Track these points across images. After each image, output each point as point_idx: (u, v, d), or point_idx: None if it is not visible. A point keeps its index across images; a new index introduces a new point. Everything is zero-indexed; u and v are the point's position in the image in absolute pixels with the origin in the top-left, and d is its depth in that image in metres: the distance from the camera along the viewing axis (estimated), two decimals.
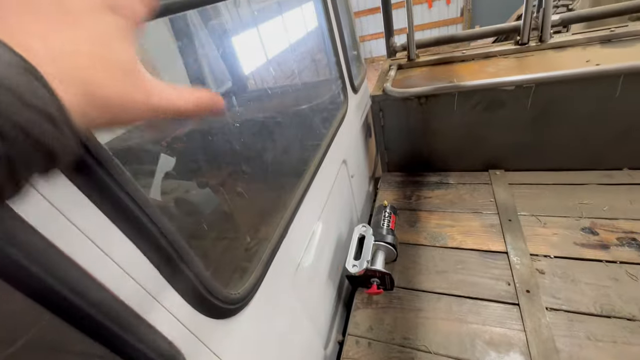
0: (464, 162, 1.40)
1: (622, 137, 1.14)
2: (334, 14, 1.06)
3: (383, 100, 1.34)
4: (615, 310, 0.82)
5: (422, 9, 5.64)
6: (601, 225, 1.03)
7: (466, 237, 1.12)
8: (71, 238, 0.29)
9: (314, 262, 0.90)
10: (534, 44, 1.29)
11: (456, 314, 0.92)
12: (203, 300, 0.44)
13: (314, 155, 0.93)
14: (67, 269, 0.29)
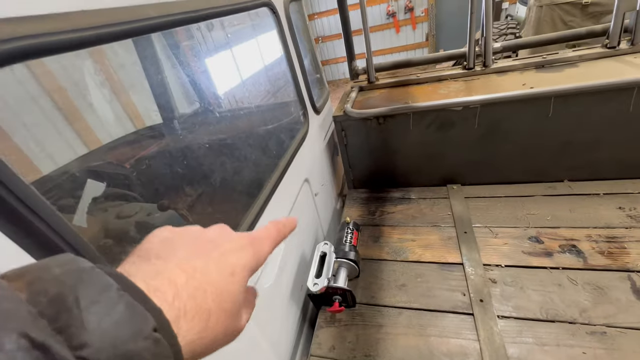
0: (423, 178, 1.47)
1: (560, 152, 1.25)
2: (292, 41, 1.11)
3: (344, 120, 1.40)
4: (558, 314, 0.87)
5: (390, 34, 5.99)
6: (545, 234, 1.10)
7: (425, 251, 1.16)
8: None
9: (275, 283, 0.90)
10: (479, 69, 1.41)
11: (416, 327, 0.93)
12: None
13: (272, 173, 0.94)
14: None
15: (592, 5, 2.40)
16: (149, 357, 0.16)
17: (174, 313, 0.19)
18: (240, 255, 0.25)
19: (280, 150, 1.07)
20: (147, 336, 0.16)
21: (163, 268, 0.21)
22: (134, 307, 0.17)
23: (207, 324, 0.21)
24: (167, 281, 0.20)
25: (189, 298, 0.20)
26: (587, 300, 0.88)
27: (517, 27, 3.37)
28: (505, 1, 4.90)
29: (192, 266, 0.22)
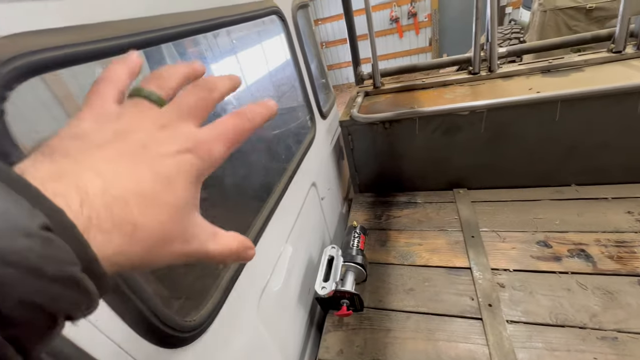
0: (429, 182, 1.47)
1: (567, 156, 1.25)
2: (299, 48, 1.13)
3: (351, 125, 1.41)
4: (568, 319, 0.87)
5: (393, 39, 6.02)
6: (554, 238, 1.10)
7: (433, 255, 1.16)
8: None
9: (283, 286, 0.90)
10: (485, 74, 1.42)
11: (424, 331, 0.93)
12: (152, 328, 0.43)
13: (280, 178, 0.95)
14: None
15: (596, 10, 2.40)
16: (35, 258, 0.13)
17: (80, 222, 0.16)
18: (180, 160, 0.21)
19: (289, 154, 1.08)
20: (30, 233, 0.13)
21: (71, 169, 0.17)
22: (12, 199, 0.14)
23: (131, 238, 0.18)
24: (73, 186, 0.17)
25: (104, 208, 0.17)
26: (597, 305, 0.88)
27: (520, 32, 3.38)
28: (508, 6, 4.92)
29: (113, 170, 0.18)
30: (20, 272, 0.13)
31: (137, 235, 0.18)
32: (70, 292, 0.15)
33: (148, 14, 0.47)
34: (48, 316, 0.14)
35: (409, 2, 5.49)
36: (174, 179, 0.20)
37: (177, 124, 0.22)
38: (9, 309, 0.13)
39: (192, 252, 0.22)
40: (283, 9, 1.01)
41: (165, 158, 0.20)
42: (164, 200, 0.20)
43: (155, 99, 0.23)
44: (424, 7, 5.53)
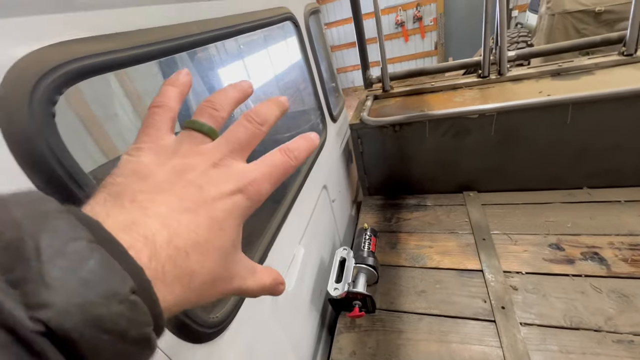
0: (439, 184, 1.47)
1: (578, 159, 1.25)
2: (311, 52, 1.15)
3: (361, 128, 1.42)
4: (583, 322, 0.86)
5: (399, 43, 6.05)
6: (566, 241, 1.10)
7: (444, 257, 1.16)
8: None
9: (296, 287, 0.91)
10: (494, 77, 1.42)
11: (436, 333, 0.93)
12: (181, 323, 0.45)
13: (294, 181, 0.97)
14: None
15: (605, 13, 2.40)
16: (125, 324, 0.14)
17: (150, 275, 0.16)
18: (231, 203, 0.21)
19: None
20: (123, 299, 0.14)
21: (140, 218, 0.18)
22: (109, 264, 0.14)
23: (188, 287, 0.18)
24: (142, 237, 0.17)
25: (168, 260, 0.17)
26: (612, 308, 0.87)
27: (528, 35, 3.38)
28: (514, 9, 4.92)
29: (177, 221, 0.19)
30: (112, 337, 0.13)
31: (192, 284, 0.19)
32: (143, 350, 0.15)
33: (179, 20, 0.50)
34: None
35: (414, 6, 5.52)
36: (226, 223, 0.21)
37: (229, 161, 0.23)
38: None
39: (233, 289, 0.23)
40: (296, 15, 1.04)
41: (219, 202, 0.21)
42: (216, 246, 0.20)
43: (208, 131, 0.24)
44: (430, 11, 5.55)
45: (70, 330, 0.12)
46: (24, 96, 0.29)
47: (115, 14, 0.42)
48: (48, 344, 0.12)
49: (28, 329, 0.11)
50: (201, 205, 0.20)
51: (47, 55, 0.32)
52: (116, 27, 0.41)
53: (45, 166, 0.31)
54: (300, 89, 1.56)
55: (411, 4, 5.52)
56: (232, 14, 0.67)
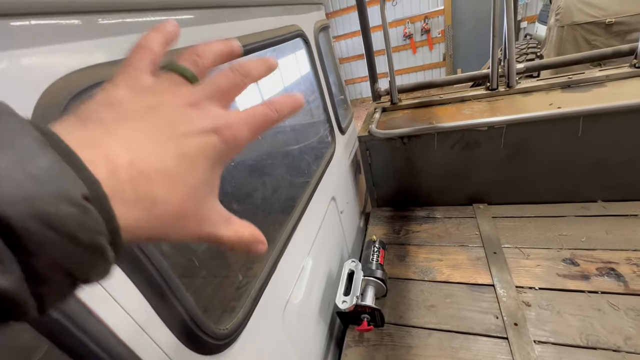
0: (448, 197, 1.46)
1: (591, 171, 1.23)
2: (321, 67, 1.18)
3: (369, 140, 1.44)
4: (600, 341, 0.83)
5: (407, 54, 6.11)
6: (581, 256, 1.07)
7: (454, 271, 1.15)
8: None
9: (304, 299, 0.91)
10: (503, 89, 1.43)
11: (447, 349, 0.92)
12: (192, 335, 0.46)
13: (303, 192, 0.98)
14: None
15: (616, 24, 2.38)
16: (74, 225, 0.14)
17: (107, 190, 0.16)
18: (204, 142, 0.21)
19: (310, 169, 1.11)
20: (73, 202, 0.14)
21: (101, 138, 0.18)
22: (60, 167, 0.14)
23: (149, 212, 0.18)
24: (103, 156, 0.17)
25: (129, 181, 0.17)
26: (632, 327, 0.84)
27: (537, 47, 3.37)
28: (523, 20, 4.93)
29: (140, 144, 0.19)
30: (59, 236, 0.13)
31: (155, 210, 0.19)
32: (96, 260, 0.15)
33: (199, 41, 0.52)
34: (72, 280, 0.15)
35: (422, 19, 5.59)
36: (196, 160, 0.21)
37: (207, 104, 0.23)
38: (42, 269, 0.13)
39: (205, 234, 0.22)
40: (307, 32, 1.07)
41: (190, 137, 0.21)
42: (184, 180, 0.20)
43: (189, 75, 0.24)
44: (437, 23, 5.60)
45: (13, 219, 0.12)
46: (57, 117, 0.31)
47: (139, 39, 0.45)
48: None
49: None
50: (171, 138, 0.20)
51: (77, 79, 0.35)
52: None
53: None
54: (309, 101, 1.59)
55: (419, 16, 5.59)
56: (247, 33, 0.70)
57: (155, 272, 0.41)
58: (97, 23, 0.39)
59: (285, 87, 1.83)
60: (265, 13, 0.83)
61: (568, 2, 2.54)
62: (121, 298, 0.38)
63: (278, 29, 0.85)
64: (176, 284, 0.43)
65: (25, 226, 0.12)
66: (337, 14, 5.97)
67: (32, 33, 0.32)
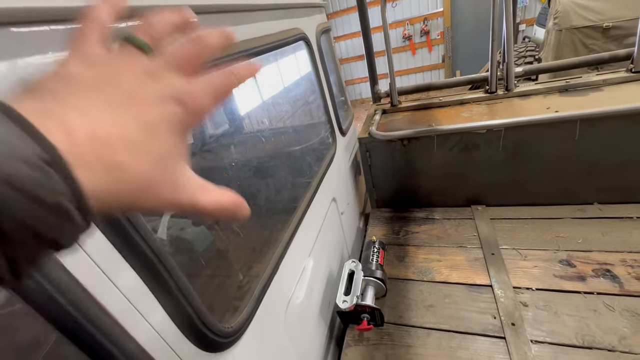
0: (447, 198, 1.48)
1: (588, 174, 1.25)
2: (322, 69, 1.19)
3: (369, 142, 1.45)
4: (595, 341, 0.85)
5: (407, 56, 6.13)
6: (577, 258, 1.09)
7: (452, 271, 1.16)
8: (85, 268, 0.35)
9: (305, 299, 0.93)
10: (502, 93, 1.44)
11: (446, 349, 0.93)
12: (199, 333, 0.47)
13: (305, 193, 0.99)
14: (77, 294, 0.34)
15: (613, 28, 2.41)
16: (35, 186, 0.14)
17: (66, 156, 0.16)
18: (165, 110, 0.21)
19: (312, 170, 1.13)
20: (31, 164, 0.14)
21: (57, 108, 0.17)
22: (14, 131, 0.15)
23: (116, 179, 0.18)
24: (58, 124, 0.17)
25: (89, 148, 0.17)
26: (626, 328, 0.86)
27: (535, 50, 3.40)
28: (522, 23, 4.96)
29: (98, 113, 0.18)
30: (21, 196, 0.14)
31: (122, 177, 0.19)
32: (61, 221, 0.16)
33: None
34: (40, 240, 0.15)
35: (421, 20, 5.61)
36: (159, 127, 0.20)
37: (165, 73, 0.22)
38: (8, 228, 0.14)
39: (182, 201, 0.22)
40: (309, 35, 1.08)
41: (151, 106, 0.21)
42: (149, 147, 0.20)
43: (145, 47, 0.23)
44: (437, 25, 5.63)
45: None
46: None
47: None
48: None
49: None
50: (130, 107, 0.20)
51: None
52: None
53: None
54: (309, 102, 1.61)
55: (418, 18, 5.62)
56: (252, 37, 0.72)
57: (163, 270, 0.42)
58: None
59: (286, 88, 1.84)
60: (269, 17, 0.84)
61: (566, 6, 2.56)
62: (131, 296, 0.39)
63: (281, 32, 0.87)
64: (183, 282, 0.45)
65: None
66: (337, 15, 5.98)
67: (33, 40, 0.33)
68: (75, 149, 0.17)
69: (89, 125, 0.18)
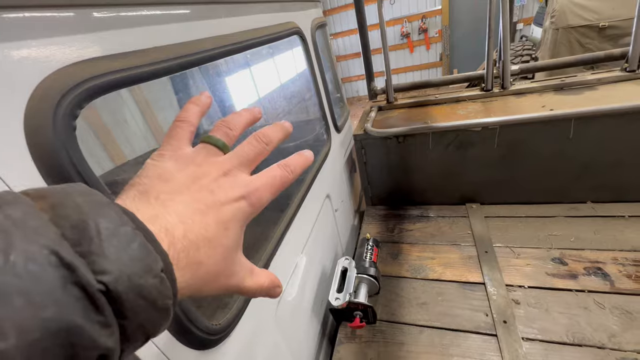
0: (442, 196, 1.48)
1: (582, 173, 1.25)
2: (317, 65, 1.18)
3: (364, 139, 1.44)
4: (586, 338, 0.85)
5: (404, 53, 6.12)
6: (569, 256, 1.09)
7: (446, 269, 1.16)
8: None
9: (297, 296, 0.92)
10: (497, 91, 1.44)
11: (438, 346, 0.93)
12: (185, 330, 0.46)
13: (298, 189, 0.99)
14: None
15: (609, 28, 2.42)
16: (155, 294, 0.17)
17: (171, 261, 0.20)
18: (236, 208, 0.25)
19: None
20: (155, 275, 0.18)
21: (162, 214, 0.22)
22: (146, 247, 0.18)
23: (196, 274, 0.22)
24: (164, 229, 0.21)
25: (182, 249, 0.21)
26: (616, 325, 0.86)
27: (532, 49, 3.41)
28: (519, 22, 4.97)
29: (191, 219, 0.22)
30: (146, 303, 0.17)
31: (199, 272, 0.22)
32: (165, 320, 0.19)
33: (193, 37, 0.52)
34: (147, 337, 0.18)
35: (419, 18, 5.60)
36: (230, 224, 0.25)
37: (237, 172, 0.27)
38: (131, 330, 0.17)
39: (232, 286, 0.26)
40: (303, 29, 1.07)
41: (226, 205, 0.25)
42: (221, 243, 0.24)
43: (222, 146, 0.28)
44: (435, 23, 5.62)
45: (121, 292, 0.16)
46: (49, 111, 0.31)
47: (133, 33, 0.44)
48: (105, 301, 0.15)
49: (94, 287, 0.15)
50: (211, 207, 0.24)
51: (70, 73, 0.34)
52: (134, 45, 0.43)
53: (65, 175, 0.33)
54: (305, 98, 1.59)
55: (416, 15, 5.60)
56: (243, 30, 0.70)
57: None
58: (91, 16, 0.39)
59: (282, 84, 1.82)
60: (263, 9, 0.83)
61: (563, 5, 2.57)
62: None
63: (275, 26, 0.85)
64: None
65: (127, 297, 0.16)
66: (334, 11, 5.95)
67: (25, 26, 0.32)
68: (174, 251, 0.20)
69: (184, 228, 0.22)
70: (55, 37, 0.35)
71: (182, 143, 0.28)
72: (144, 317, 0.17)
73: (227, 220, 0.24)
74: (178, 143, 0.27)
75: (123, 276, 0.16)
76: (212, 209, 0.24)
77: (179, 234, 0.21)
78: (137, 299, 0.16)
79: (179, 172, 0.25)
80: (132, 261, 0.17)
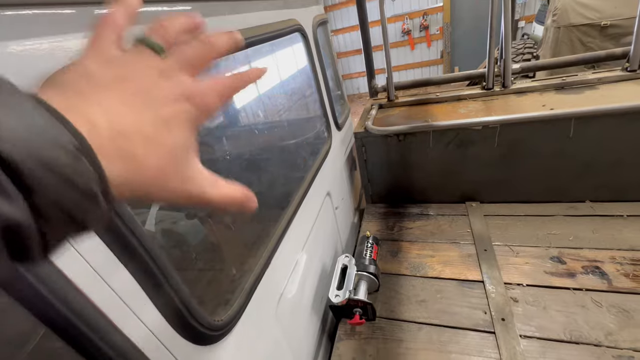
0: (442, 194, 1.48)
1: (581, 172, 1.26)
2: (318, 62, 1.18)
3: (365, 137, 1.44)
4: (583, 336, 0.86)
5: (405, 51, 6.10)
6: (568, 255, 1.10)
7: (445, 267, 1.17)
8: (74, 264, 0.34)
9: (298, 293, 0.93)
10: (498, 89, 1.44)
11: (436, 343, 0.94)
12: (187, 325, 0.47)
13: (298, 187, 0.99)
14: (65, 289, 0.33)
15: (611, 27, 2.41)
16: (70, 171, 0.16)
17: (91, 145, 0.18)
18: (178, 109, 0.23)
19: (306, 164, 1.12)
20: (67, 151, 0.16)
21: (81, 104, 0.19)
22: (52, 122, 0.16)
23: (132, 169, 0.20)
24: (82, 117, 0.18)
25: (108, 139, 0.19)
26: (613, 323, 0.87)
27: (534, 47, 3.40)
28: (521, 20, 4.95)
29: (117, 108, 0.20)
30: (58, 179, 0.16)
31: (137, 167, 0.20)
32: (91, 204, 0.17)
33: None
34: (71, 221, 0.17)
35: (421, 15, 5.57)
36: (171, 123, 0.22)
37: (177, 73, 0.24)
38: (44, 206, 0.15)
39: (192, 193, 0.24)
40: (305, 26, 1.07)
41: (164, 105, 0.22)
42: (162, 141, 0.22)
43: (158, 48, 0.25)
44: (436, 20, 5.59)
45: (17, 160, 0.14)
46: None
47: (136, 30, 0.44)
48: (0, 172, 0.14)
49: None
50: (145, 105, 0.22)
51: None
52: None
53: None
54: (306, 95, 1.59)
55: (418, 12, 5.57)
56: (245, 27, 0.70)
57: (153, 264, 0.41)
58: (93, 14, 0.39)
59: (282, 81, 1.82)
60: (265, 6, 0.82)
61: (565, 4, 2.56)
62: (121, 291, 0.38)
63: (277, 23, 0.85)
64: (173, 276, 0.44)
65: (28, 167, 0.15)
66: (335, 7, 5.91)
67: (26, 24, 0.32)
68: (97, 140, 0.18)
69: (109, 119, 0.20)
70: (57, 35, 0.35)
71: (107, 45, 0.24)
72: (60, 194, 0.16)
73: (168, 119, 0.22)
74: (102, 45, 0.24)
75: (19, 144, 0.14)
76: (146, 106, 0.21)
77: (103, 123, 0.19)
78: (43, 170, 0.15)
79: (104, 72, 0.22)
80: (30, 131, 0.15)
